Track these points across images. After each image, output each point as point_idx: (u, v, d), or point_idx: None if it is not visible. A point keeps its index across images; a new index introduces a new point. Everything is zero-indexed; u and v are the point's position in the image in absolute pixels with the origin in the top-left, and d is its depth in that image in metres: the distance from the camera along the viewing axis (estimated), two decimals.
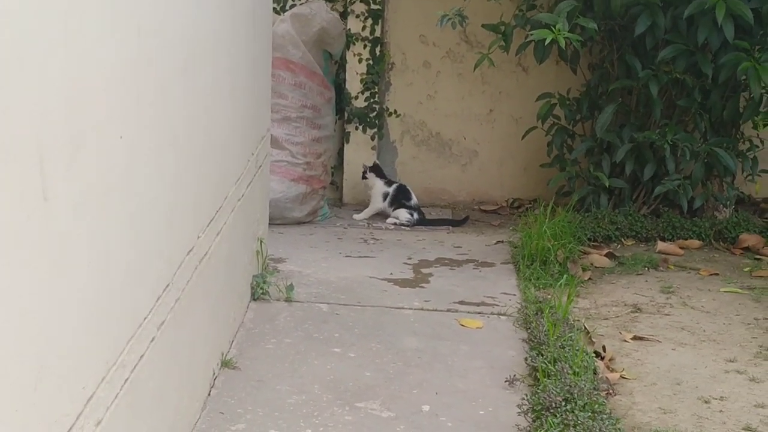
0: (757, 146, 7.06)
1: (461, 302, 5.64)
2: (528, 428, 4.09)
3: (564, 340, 4.73)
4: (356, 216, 7.37)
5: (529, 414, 4.15)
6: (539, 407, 4.12)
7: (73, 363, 2.46)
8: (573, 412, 3.97)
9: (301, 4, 7.38)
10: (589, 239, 6.64)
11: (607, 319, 5.43)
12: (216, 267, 4.37)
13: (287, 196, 7.01)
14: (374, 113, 7.64)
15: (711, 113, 6.78)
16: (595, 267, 6.26)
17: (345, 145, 7.70)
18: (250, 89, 5.20)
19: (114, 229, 2.77)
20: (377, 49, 7.56)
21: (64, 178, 2.31)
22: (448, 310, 5.50)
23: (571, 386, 4.18)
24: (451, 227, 7.29)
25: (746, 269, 6.26)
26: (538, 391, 4.28)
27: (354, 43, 7.53)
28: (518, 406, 4.24)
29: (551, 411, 4.03)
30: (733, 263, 6.39)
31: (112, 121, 2.71)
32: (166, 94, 3.35)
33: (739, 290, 5.88)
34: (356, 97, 7.62)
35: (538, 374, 4.48)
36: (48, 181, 2.18)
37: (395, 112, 7.72)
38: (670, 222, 6.76)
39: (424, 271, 6.21)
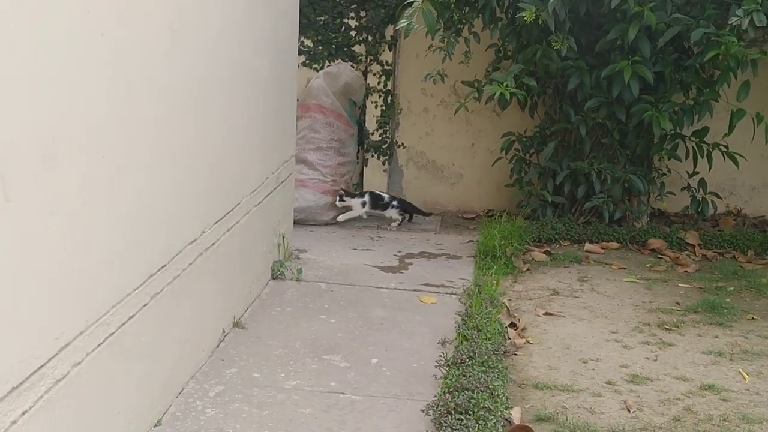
0: (664, 174, 6.97)
1: (426, 284, 5.63)
2: (441, 376, 4.11)
3: (485, 314, 4.74)
4: (339, 218, 7.13)
5: (444, 367, 4.18)
6: (450, 362, 4.15)
7: (41, 324, 2.51)
8: (472, 366, 3.99)
9: (331, 65, 7.45)
10: (535, 240, 6.59)
11: (531, 299, 5.41)
12: (227, 254, 4.42)
13: (318, 205, 7.06)
14: (386, 145, 7.65)
15: (628, 148, 6.72)
16: (535, 261, 6.22)
17: (365, 168, 7.72)
18: (270, 128, 5.24)
19: (97, 226, 2.83)
20: (389, 99, 7.57)
21: (30, 186, 2.38)
22: (414, 290, 5.50)
23: (476, 347, 4.20)
24: (426, 218, 7.33)
25: (648, 265, 6.17)
26: (456, 350, 4.30)
27: (372, 94, 7.55)
28: (436, 361, 4.27)
29: (456, 365, 4.05)
30: (640, 261, 6.30)
31: (91, 146, 2.76)
32: (161, 132, 3.39)
33: (637, 281, 5.81)
34: (373, 133, 7.63)
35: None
36: (9, 188, 2.25)
37: (402, 144, 7.72)
38: (597, 229, 6.67)
39: (407, 261, 6.22)
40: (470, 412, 3.51)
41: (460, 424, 3.44)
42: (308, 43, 7.56)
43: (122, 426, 3.14)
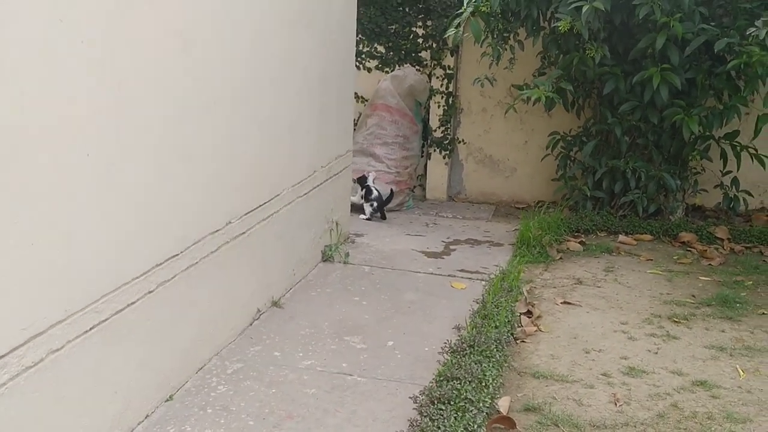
0: (698, 172, 6.37)
1: (462, 270, 5.27)
2: (441, 362, 3.76)
3: (498, 302, 4.36)
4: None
5: (447, 353, 3.83)
6: (452, 349, 3.80)
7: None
8: (470, 355, 3.63)
9: (398, 69, 7.11)
10: (574, 231, 6.12)
11: (555, 287, 4.98)
12: (261, 242, 4.16)
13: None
14: (448, 141, 7.26)
15: (663, 149, 6.17)
16: (570, 250, 5.76)
17: (428, 161, 7.34)
18: (320, 126, 4.94)
19: (81, 227, 2.58)
20: (450, 99, 7.18)
21: None
22: (449, 275, 5.14)
23: (477, 336, 3.83)
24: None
25: (675, 257, 5.63)
26: (460, 338, 3.94)
27: (435, 95, 7.16)
28: (441, 348, 3.92)
29: (455, 353, 3.70)
30: (669, 253, 5.76)
31: (72, 144, 2.52)
32: (168, 133, 3.13)
33: (660, 272, 5.30)
34: (436, 131, 7.25)
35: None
36: None
37: (462, 140, 7.31)
38: (632, 222, 6.15)
39: (452, 247, 5.86)
40: (451, 402, 3.16)
41: (440, 414, 3.09)
42: (381, 49, 7.23)
43: (120, 404, 2.92)
